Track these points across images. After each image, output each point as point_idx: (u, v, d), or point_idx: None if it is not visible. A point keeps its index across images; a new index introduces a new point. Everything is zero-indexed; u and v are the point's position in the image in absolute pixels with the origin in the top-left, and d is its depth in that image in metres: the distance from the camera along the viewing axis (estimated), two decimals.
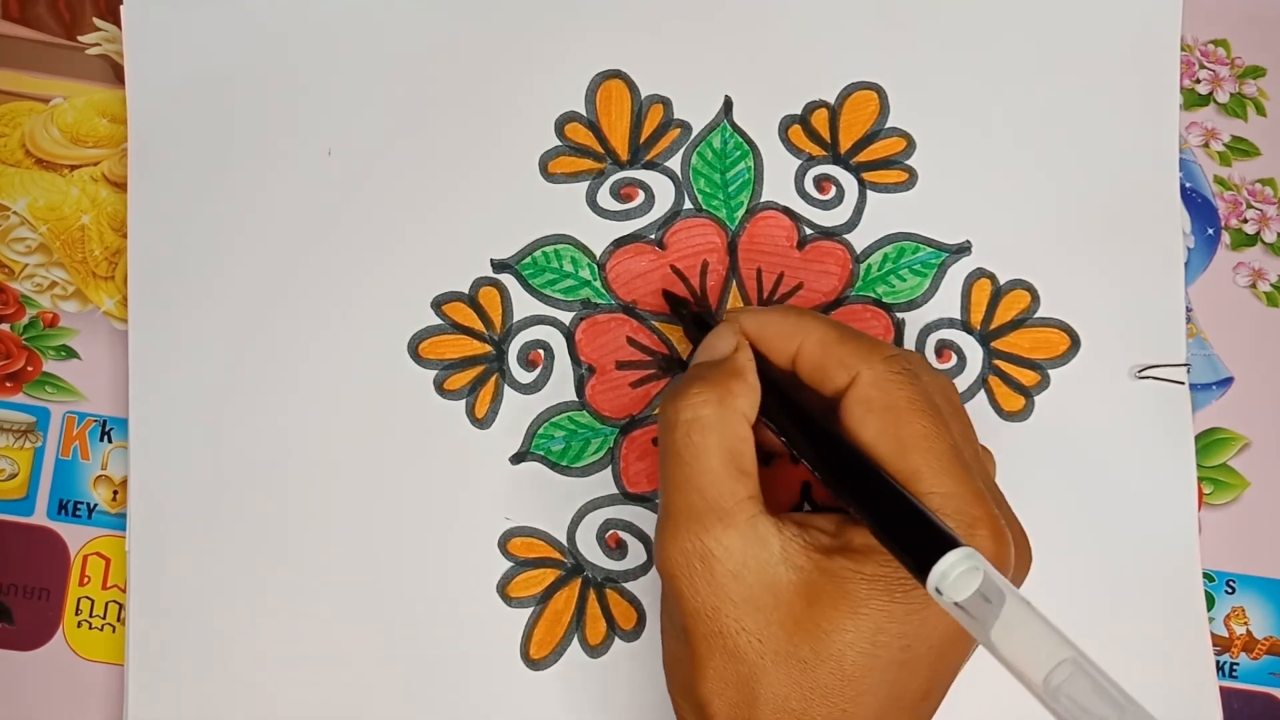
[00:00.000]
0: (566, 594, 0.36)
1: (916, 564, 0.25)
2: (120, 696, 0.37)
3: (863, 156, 0.39)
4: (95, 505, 0.38)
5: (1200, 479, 0.38)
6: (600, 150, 0.39)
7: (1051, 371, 0.38)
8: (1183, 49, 0.40)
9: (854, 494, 0.28)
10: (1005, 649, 0.24)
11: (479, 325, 0.38)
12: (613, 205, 0.38)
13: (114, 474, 0.38)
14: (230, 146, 0.38)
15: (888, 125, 0.39)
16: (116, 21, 0.40)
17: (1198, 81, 0.41)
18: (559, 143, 0.39)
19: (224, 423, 0.37)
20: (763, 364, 0.31)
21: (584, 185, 0.38)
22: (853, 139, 0.39)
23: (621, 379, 0.37)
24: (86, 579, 0.37)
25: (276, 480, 0.37)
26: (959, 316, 0.38)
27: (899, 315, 0.38)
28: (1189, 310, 0.39)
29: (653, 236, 0.38)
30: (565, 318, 0.38)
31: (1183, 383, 0.38)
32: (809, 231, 0.38)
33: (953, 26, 0.40)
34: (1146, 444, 0.38)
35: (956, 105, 0.39)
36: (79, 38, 0.40)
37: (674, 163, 0.39)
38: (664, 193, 0.39)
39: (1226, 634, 0.38)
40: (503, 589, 0.36)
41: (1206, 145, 0.41)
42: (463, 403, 0.37)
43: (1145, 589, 0.37)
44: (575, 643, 0.36)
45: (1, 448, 0.38)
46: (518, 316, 0.38)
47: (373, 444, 0.37)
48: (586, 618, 0.36)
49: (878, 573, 0.28)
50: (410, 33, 0.39)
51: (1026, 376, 0.38)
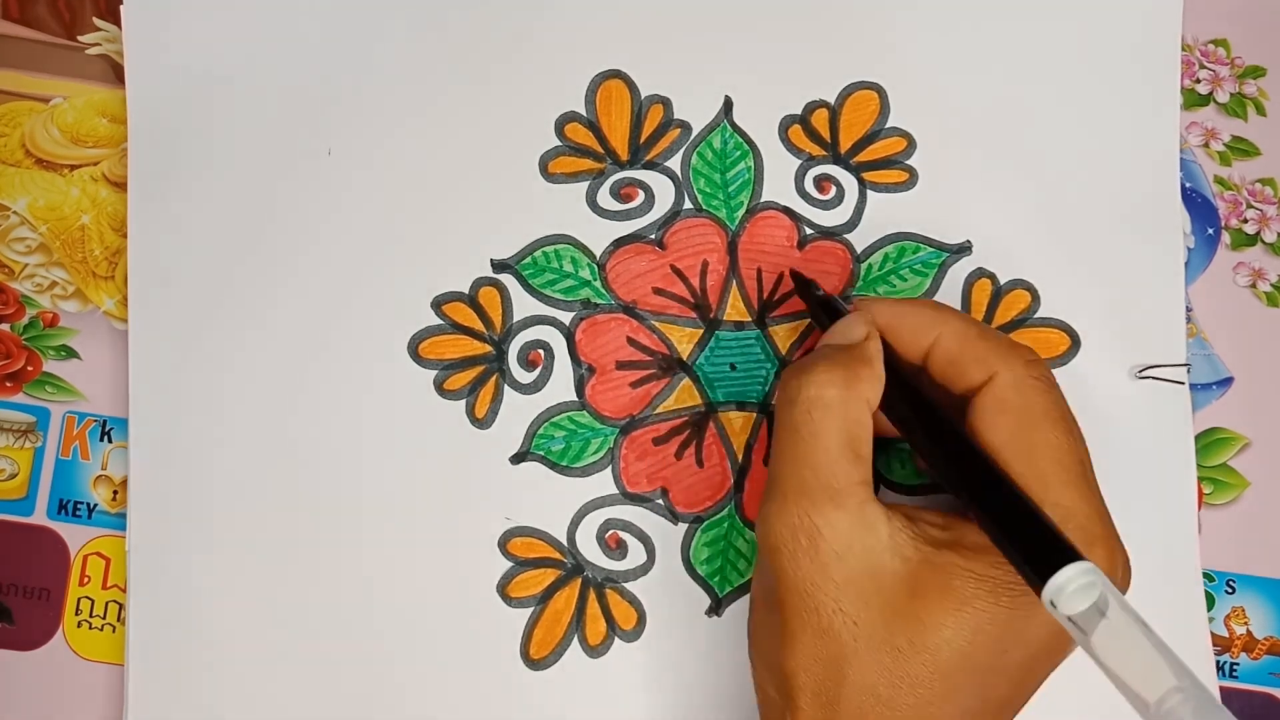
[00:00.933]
0: (566, 594, 0.36)
1: (1035, 572, 0.25)
2: (120, 696, 0.37)
3: (863, 156, 0.39)
4: (95, 505, 0.38)
5: (1200, 479, 0.38)
6: (600, 150, 0.39)
7: (1052, 371, 0.38)
8: (1183, 49, 0.40)
9: (975, 494, 0.28)
10: (1117, 666, 0.24)
11: (479, 325, 0.38)
12: (613, 205, 0.38)
13: (114, 474, 0.38)
14: (230, 146, 0.38)
15: (888, 125, 0.39)
16: (116, 21, 0.40)
17: (1198, 81, 0.41)
18: (559, 143, 0.39)
19: (224, 423, 0.37)
20: (890, 356, 0.31)
21: (584, 185, 0.38)
22: (853, 139, 0.39)
23: (621, 379, 0.37)
24: (86, 579, 0.37)
25: (276, 480, 0.37)
26: None
27: None
28: (1189, 310, 0.39)
29: (653, 236, 0.38)
30: (565, 318, 0.38)
31: (1183, 383, 0.38)
32: (809, 231, 0.38)
33: (953, 26, 0.40)
34: (1146, 444, 0.37)
35: (957, 105, 0.39)
36: (79, 38, 0.40)
37: (674, 163, 0.39)
38: (664, 193, 0.39)
39: (1226, 634, 0.38)
40: (503, 589, 0.36)
41: (1206, 145, 0.41)
42: (463, 403, 0.37)
43: (1145, 589, 0.37)
44: (575, 643, 0.36)
45: (1, 448, 0.38)
46: (518, 316, 0.38)
47: (373, 444, 0.37)
48: (586, 618, 0.36)
49: (987, 573, 0.27)
50: (410, 33, 0.39)
51: None
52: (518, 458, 0.37)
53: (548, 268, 0.38)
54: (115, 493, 0.38)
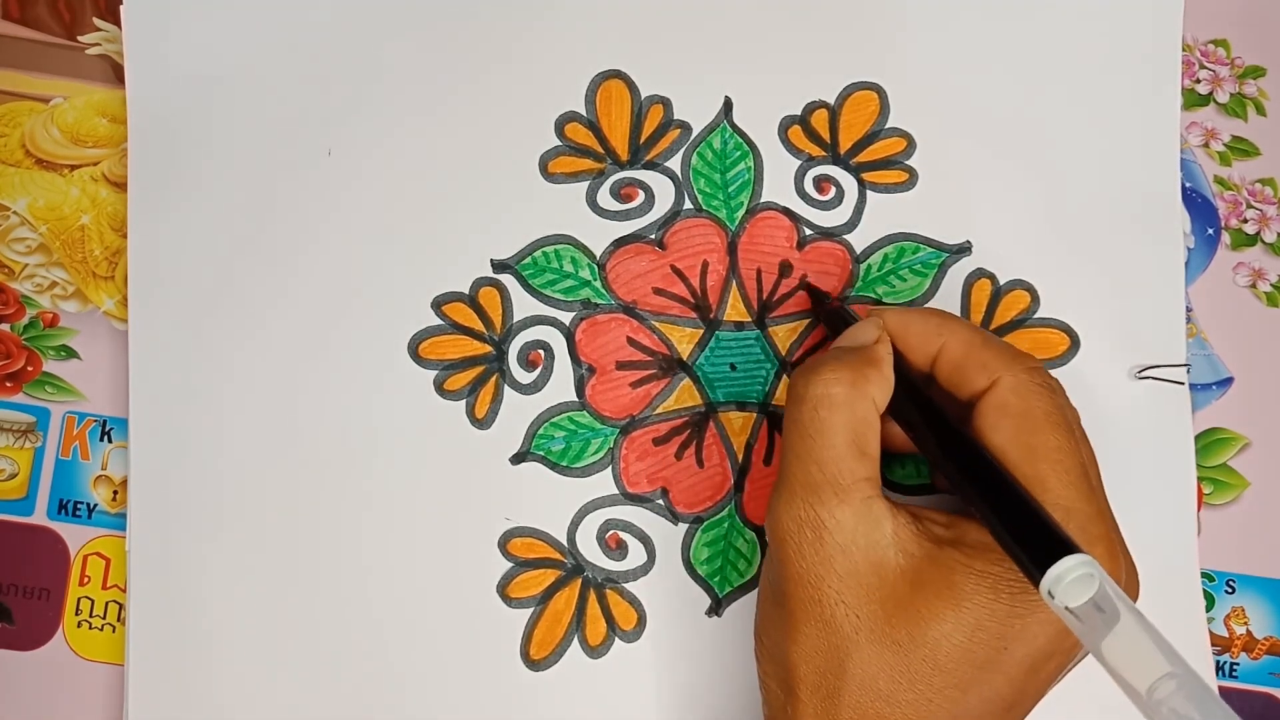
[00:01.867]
0: (566, 594, 0.36)
1: (1033, 564, 0.25)
2: (120, 696, 0.37)
3: (863, 157, 0.39)
4: (95, 505, 0.38)
5: (1200, 479, 0.38)
6: (600, 150, 0.39)
7: (1051, 372, 0.38)
8: (1183, 49, 0.40)
9: (977, 490, 0.28)
10: (1113, 658, 0.24)
11: (479, 325, 0.38)
12: (613, 205, 0.38)
13: (114, 474, 0.38)
14: (230, 146, 0.38)
15: (888, 125, 0.39)
16: (116, 21, 0.40)
17: (1198, 81, 0.41)
18: (559, 143, 0.39)
19: (224, 423, 0.37)
20: (898, 362, 0.32)
21: (584, 185, 0.38)
22: (853, 139, 0.39)
23: (621, 379, 0.37)
24: (86, 579, 0.37)
25: (276, 480, 0.37)
26: (959, 317, 0.38)
27: None
28: (1189, 310, 0.39)
29: (653, 236, 0.38)
30: (565, 318, 0.38)
31: (1183, 383, 0.38)
32: (809, 232, 0.38)
33: (953, 26, 0.40)
34: (1146, 444, 0.37)
35: (956, 105, 0.39)
36: (79, 38, 0.40)
37: (674, 163, 0.39)
38: (664, 193, 0.39)
39: (1226, 634, 0.38)
40: (503, 589, 0.36)
41: (1206, 145, 0.41)
42: (463, 403, 0.37)
43: (1145, 589, 0.37)
44: (575, 643, 0.36)
45: (1, 448, 0.38)
46: (518, 316, 0.38)
47: (373, 444, 0.37)
48: (586, 618, 0.36)
49: (988, 569, 0.28)
50: (410, 33, 0.39)
51: None
52: (518, 458, 0.37)
53: (548, 268, 0.38)
54: (115, 493, 0.38)
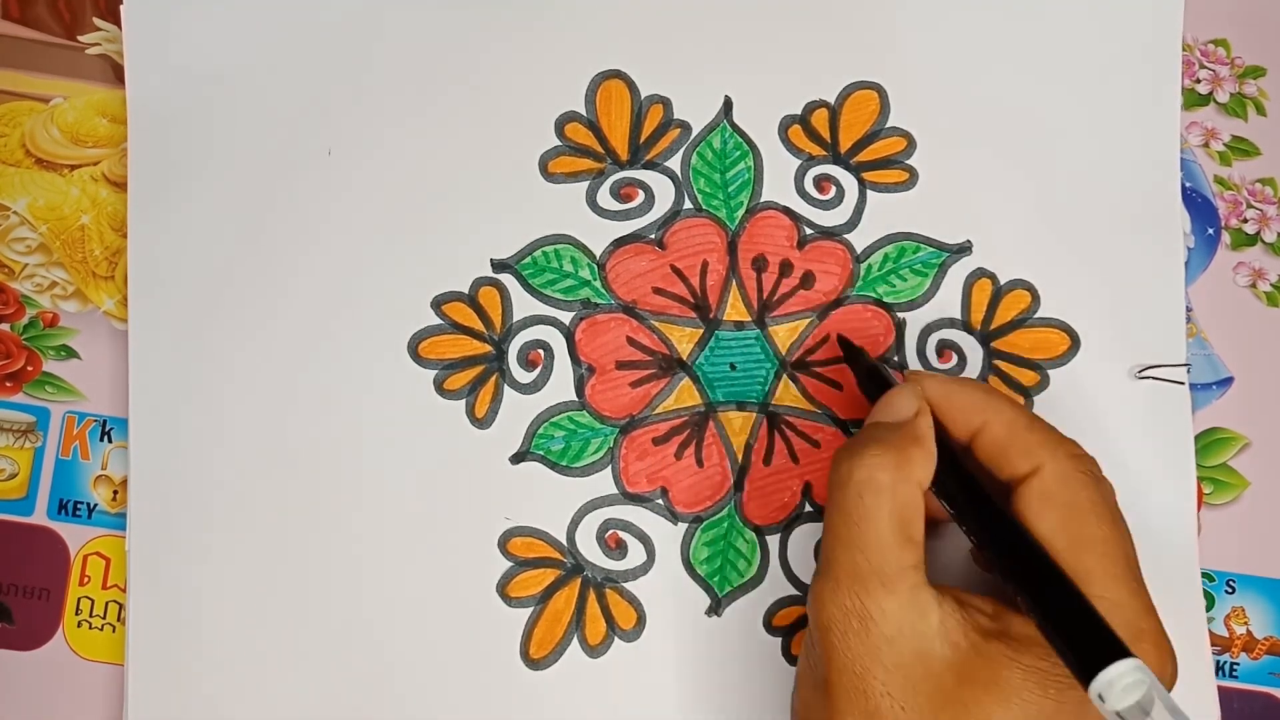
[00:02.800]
0: (566, 594, 0.36)
1: (1083, 667, 0.25)
2: (120, 696, 0.37)
3: (863, 156, 0.39)
4: (95, 505, 0.38)
5: (1200, 479, 0.38)
6: (600, 150, 0.39)
7: (1051, 372, 0.38)
8: (1183, 49, 0.40)
9: (1026, 584, 0.28)
10: None
11: (479, 325, 0.38)
12: (613, 205, 0.38)
13: (114, 474, 0.38)
14: (230, 146, 0.38)
15: (888, 125, 0.39)
16: (116, 21, 0.40)
17: (1198, 81, 0.41)
18: (559, 143, 0.39)
19: (224, 423, 0.37)
20: (940, 435, 0.31)
21: (584, 185, 0.38)
22: (853, 139, 0.39)
23: (621, 379, 0.37)
24: (86, 579, 0.37)
25: (276, 480, 0.37)
26: (959, 316, 0.38)
27: (900, 315, 0.38)
28: (1189, 310, 0.39)
29: (653, 236, 0.38)
30: (565, 318, 0.38)
31: (1183, 383, 0.38)
32: (809, 231, 0.38)
33: (953, 26, 0.40)
34: (1146, 444, 0.37)
35: (957, 105, 0.39)
36: (79, 38, 0.40)
37: (674, 163, 0.39)
38: (664, 193, 0.39)
39: (1226, 634, 0.38)
40: (503, 589, 0.36)
41: (1206, 145, 0.41)
42: (463, 403, 0.37)
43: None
44: (575, 643, 0.36)
45: (1, 448, 0.38)
46: (518, 316, 0.38)
47: (373, 444, 0.37)
48: (586, 618, 0.36)
49: (1035, 665, 0.28)
50: (410, 32, 0.39)
51: (1026, 377, 0.38)
52: (518, 458, 0.37)
53: (548, 268, 0.38)
54: (115, 493, 0.38)
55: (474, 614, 0.36)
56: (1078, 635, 0.26)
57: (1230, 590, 0.38)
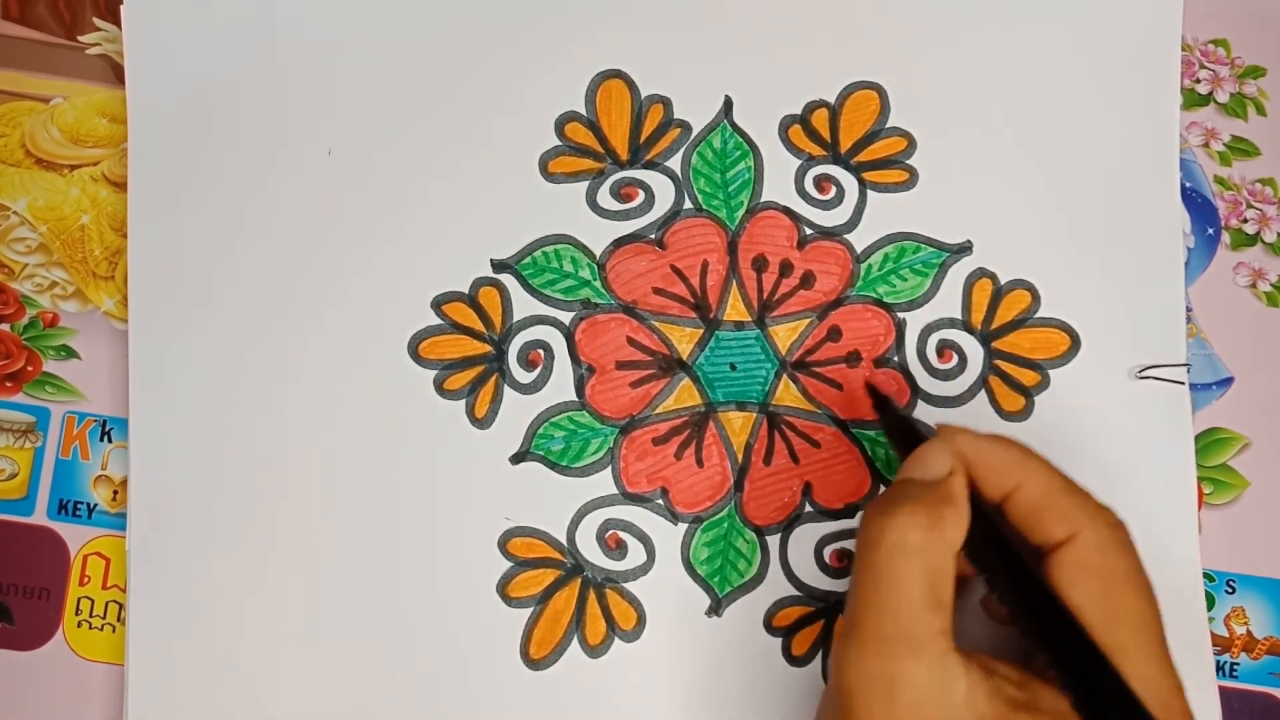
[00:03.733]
0: (566, 594, 0.36)
1: None
2: (120, 696, 0.37)
3: (863, 156, 0.39)
4: (95, 505, 0.38)
5: (1200, 479, 0.38)
6: (600, 150, 0.39)
7: (1052, 371, 0.38)
8: (1183, 49, 0.40)
9: (1062, 658, 0.27)
10: None
11: (479, 325, 0.38)
12: (613, 205, 0.38)
13: (114, 474, 0.38)
14: (230, 146, 0.38)
15: (888, 125, 0.39)
16: (116, 21, 0.40)
17: (1198, 81, 0.41)
18: (559, 143, 0.39)
19: (224, 423, 0.37)
20: (973, 495, 0.30)
21: (584, 185, 0.38)
22: (853, 139, 0.39)
23: (621, 379, 0.37)
24: (86, 579, 0.37)
25: (276, 480, 0.37)
26: (960, 316, 0.38)
27: (900, 315, 0.38)
28: (1189, 310, 0.39)
29: (653, 236, 0.38)
30: (565, 318, 0.38)
31: (1183, 383, 0.38)
32: (809, 231, 0.38)
33: (953, 26, 0.40)
34: (1146, 444, 0.37)
35: (957, 105, 0.39)
36: (79, 38, 0.40)
37: (674, 162, 0.39)
38: (664, 192, 0.39)
39: (1226, 634, 0.38)
40: (503, 589, 0.36)
41: (1206, 145, 0.41)
42: (463, 403, 0.37)
43: None
44: (575, 643, 0.36)
45: (1, 448, 0.38)
46: (518, 316, 0.38)
47: (373, 444, 0.37)
48: (586, 618, 0.36)
49: None
50: (410, 32, 0.39)
51: (1027, 376, 0.38)
52: (518, 458, 0.37)
53: (548, 268, 0.38)
54: (115, 493, 0.38)
55: (474, 614, 0.36)
56: (1112, 714, 0.26)
57: (1230, 590, 0.38)
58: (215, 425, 0.37)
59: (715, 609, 0.36)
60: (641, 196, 0.38)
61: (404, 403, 0.37)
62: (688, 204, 0.38)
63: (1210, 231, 0.40)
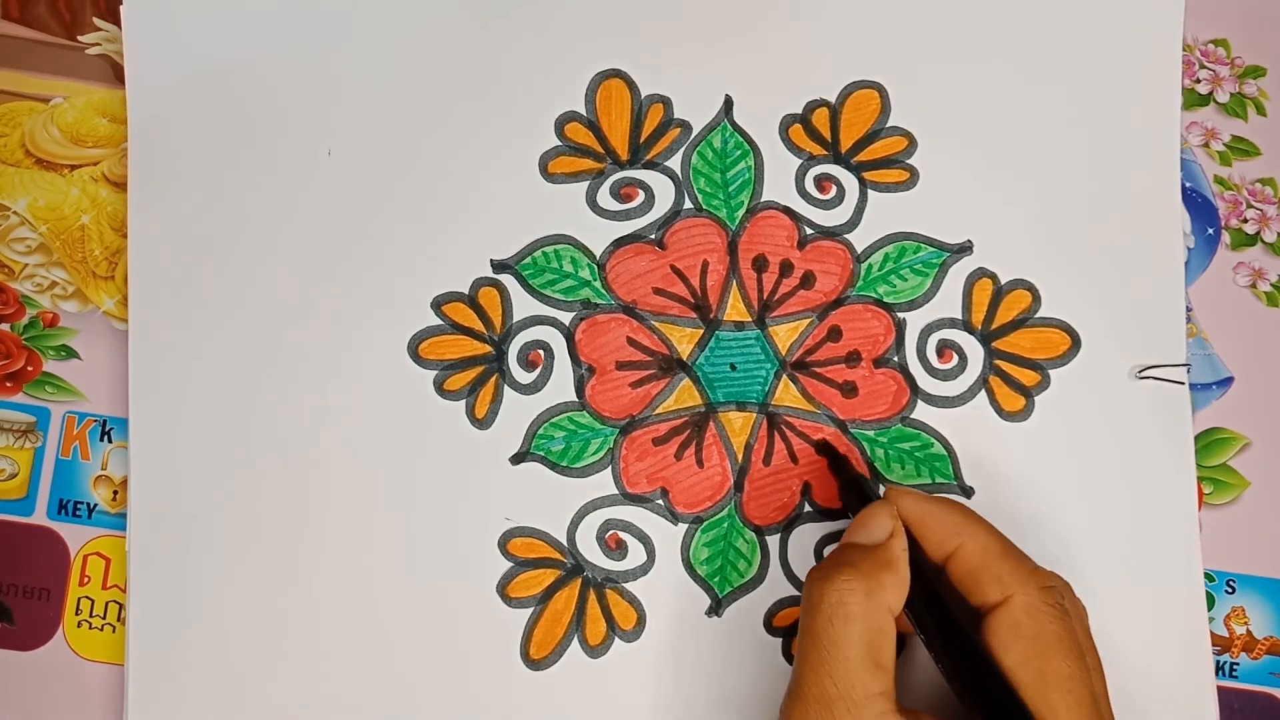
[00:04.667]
0: (566, 594, 0.36)
1: None
2: (120, 696, 0.37)
3: (864, 156, 0.39)
4: (95, 505, 0.38)
5: (1200, 479, 0.38)
6: (600, 150, 0.39)
7: (1052, 371, 0.38)
8: (1183, 49, 0.40)
9: (987, 717, 0.28)
10: None
11: (479, 325, 0.38)
12: (613, 205, 0.38)
13: (114, 474, 0.38)
14: (230, 146, 0.38)
15: (889, 124, 0.39)
16: (116, 21, 0.40)
17: (1198, 81, 0.41)
18: (559, 143, 0.39)
19: (224, 423, 0.37)
20: (914, 555, 0.31)
21: (584, 185, 0.38)
22: (854, 138, 0.39)
23: (621, 379, 0.37)
24: (86, 579, 0.37)
25: (276, 480, 0.37)
26: (960, 316, 0.38)
27: (900, 315, 0.38)
28: (1189, 310, 0.39)
29: (653, 236, 0.38)
30: (565, 318, 0.38)
31: (1183, 383, 0.38)
32: (809, 231, 0.38)
33: (954, 25, 0.40)
34: (1146, 444, 0.37)
35: (958, 104, 0.39)
36: (79, 38, 0.40)
37: (674, 162, 0.39)
38: (664, 192, 0.38)
39: (1226, 634, 0.38)
40: (503, 589, 0.36)
41: (1206, 145, 0.41)
42: (463, 403, 0.37)
43: (1146, 589, 0.37)
44: (575, 643, 0.36)
45: (1, 448, 0.38)
46: (518, 317, 0.38)
47: (373, 444, 0.37)
48: (586, 618, 0.36)
49: None
50: (410, 33, 0.39)
51: (1027, 376, 0.38)
52: (518, 458, 0.37)
53: (548, 268, 0.38)
54: (115, 493, 0.38)
55: (474, 614, 0.36)
56: None
57: (1230, 590, 0.38)
58: (215, 425, 0.37)
59: (715, 609, 0.36)
60: (641, 196, 0.38)
61: (404, 403, 0.37)
62: (688, 204, 0.38)
63: (1210, 231, 0.40)
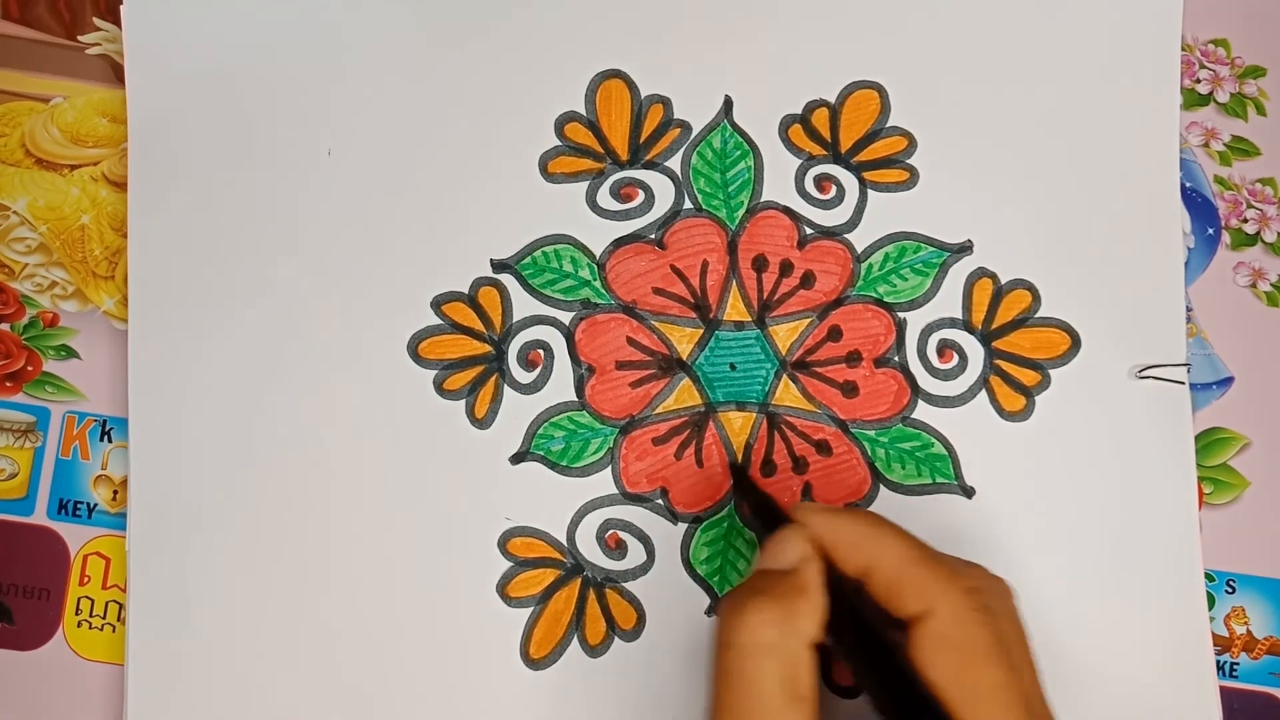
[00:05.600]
0: (566, 594, 0.36)
1: None
2: (120, 696, 0.37)
3: (863, 156, 0.39)
4: (95, 505, 0.38)
5: (1200, 479, 0.38)
6: (600, 150, 0.39)
7: (1052, 371, 0.38)
8: (1183, 49, 0.40)
9: None
10: None
11: (479, 325, 0.38)
12: (612, 205, 0.38)
13: (114, 474, 0.38)
14: (230, 146, 0.38)
15: (889, 124, 0.39)
16: (116, 21, 0.40)
17: (1198, 81, 0.41)
18: (559, 143, 0.39)
19: (224, 422, 0.37)
20: (832, 573, 0.29)
21: (584, 185, 0.38)
22: (853, 138, 0.39)
23: (621, 379, 0.37)
24: (86, 579, 0.37)
25: (276, 480, 0.37)
26: (960, 316, 0.38)
27: (900, 315, 0.38)
28: (1189, 310, 0.39)
29: (653, 236, 0.38)
30: (565, 318, 0.38)
31: (1183, 383, 0.38)
32: (809, 231, 0.38)
33: (954, 25, 0.40)
34: (1146, 444, 0.37)
35: (958, 104, 0.39)
36: (79, 38, 0.40)
37: (674, 162, 0.39)
38: (664, 192, 0.39)
39: (1226, 634, 0.38)
40: (503, 589, 0.36)
41: (1206, 145, 0.41)
42: (463, 403, 0.37)
43: (1146, 589, 0.37)
44: (575, 643, 0.36)
45: (1, 448, 0.38)
46: (517, 316, 0.38)
47: (372, 444, 0.37)
48: (586, 618, 0.36)
49: None
50: (410, 33, 0.39)
51: (1027, 376, 0.38)
52: (517, 458, 0.37)
53: (547, 268, 0.38)
54: (115, 493, 0.38)
55: (474, 614, 0.36)
56: None
57: (1230, 590, 0.38)
58: (215, 425, 0.37)
59: (715, 609, 0.36)
60: (641, 196, 0.38)
61: (404, 403, 0.37)
62: (688, 204, 0.38)
63: (1210, 231, 0.40)
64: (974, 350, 0.38)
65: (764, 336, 0.38)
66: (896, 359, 0.38)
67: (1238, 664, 0.38)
